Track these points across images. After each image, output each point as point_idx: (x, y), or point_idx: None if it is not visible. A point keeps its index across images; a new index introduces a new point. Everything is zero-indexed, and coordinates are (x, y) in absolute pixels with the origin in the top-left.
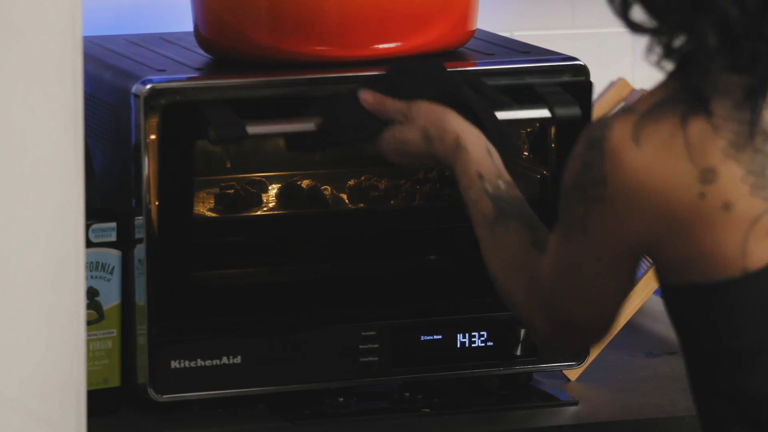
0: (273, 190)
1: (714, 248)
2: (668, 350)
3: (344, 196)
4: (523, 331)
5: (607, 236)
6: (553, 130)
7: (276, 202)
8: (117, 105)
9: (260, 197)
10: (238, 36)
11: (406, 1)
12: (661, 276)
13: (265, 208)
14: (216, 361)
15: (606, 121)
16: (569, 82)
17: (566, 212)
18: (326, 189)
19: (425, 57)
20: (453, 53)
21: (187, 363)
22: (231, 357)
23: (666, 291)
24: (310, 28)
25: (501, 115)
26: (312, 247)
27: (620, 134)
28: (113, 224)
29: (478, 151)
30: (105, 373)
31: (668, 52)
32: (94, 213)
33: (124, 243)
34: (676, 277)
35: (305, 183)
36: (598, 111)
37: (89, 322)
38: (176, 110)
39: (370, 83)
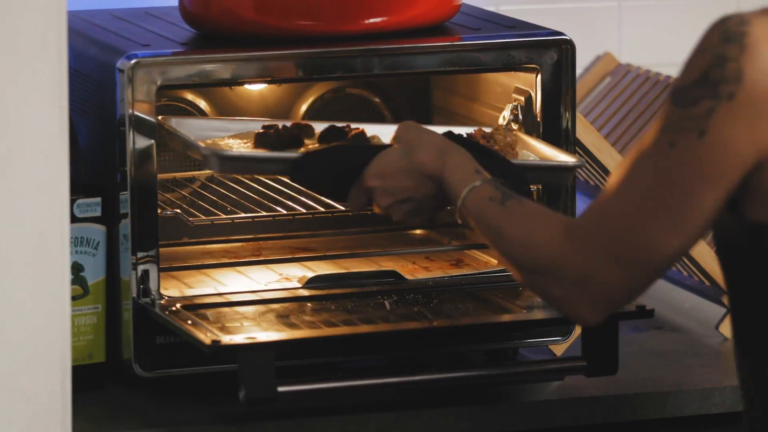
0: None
1: None
2: (654, 325)
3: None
4: None
5: (728, 140)
6: (539, 103)
7: (318, 145)
8: (102, 80)
9: (300, 139)
10: (223, 11)
11: None
12: (751, 210)
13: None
14: None
15: (744, 17)
16: (555, 56)
17: (676, 115)
18: (374, 137)
19: None
20: (439, 28)
21: (172, 338)
22: None
23: (751, 230)
24: (296, 3)
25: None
26: (303, 220)
27: (762, 31)
28: (98, 199)
29: (466, 154)
30: (90, 349)
31: None
32: (78, 188)
33: (108, 218)
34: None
35: (353, 130)
36: (583, 86)
37: (74, 298)
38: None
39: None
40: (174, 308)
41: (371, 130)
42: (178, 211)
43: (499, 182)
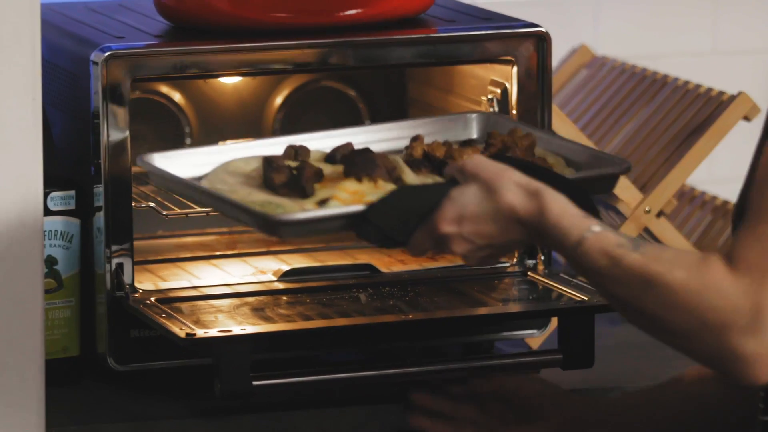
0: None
1: None
2: None
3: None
4: None
5: None
6: (515, 95)
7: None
8: (76, 72)
9: (320, 171)
10: (198, 3)
11: None
12: None
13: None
14: None
15: None
16: (531, 49)
17: None
18: (384, 156)
19: None
20: (414, 20)
21: (146, 332)
22: None
23: None
24: None
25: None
26: None
27: None
28: (72, 192)
29: (560, 195)
30: (64, 342)
31: None
32: (52, 181)
33: (83, 211)
34: None
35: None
36: (559, 79)
37: (48, 291)
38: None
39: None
40: (148, 301)
41: (356, 136)
42: (153, 204)
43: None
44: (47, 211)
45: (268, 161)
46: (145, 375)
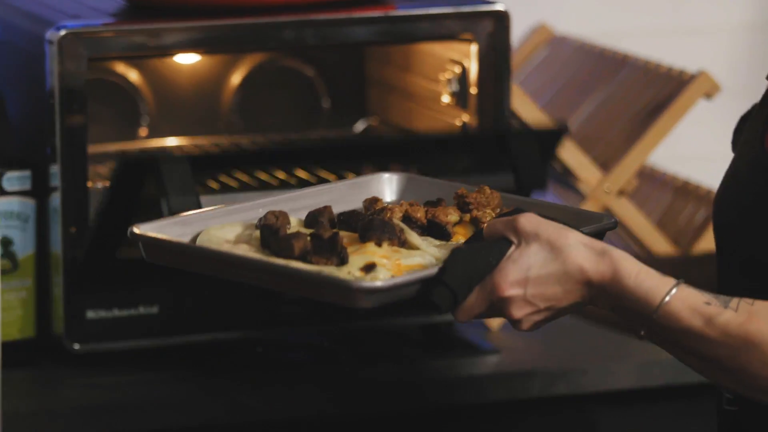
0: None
1: None
2: None
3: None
4: None
5: None
6: (475, 74)
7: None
8: (31, 51)
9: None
10: None
11: None
12: None
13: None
14: (132, 311)
15: None
16: (490, 27)
17: None
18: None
19: None
20: None
21: (103, 313)
22: (148, 307)
23: None
24: None
25: None
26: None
27: None
28: (28, 172)
29: (629, 255)
30: (20, 324)
31: None
32: (8, 161)
33: (39, 191)
34: None
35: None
36: (518, 58)
37: (3, 272)
38: None
39: None
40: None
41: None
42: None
43: None
44: (2, 191)
45: (273, 229)
46: (101, 356)
